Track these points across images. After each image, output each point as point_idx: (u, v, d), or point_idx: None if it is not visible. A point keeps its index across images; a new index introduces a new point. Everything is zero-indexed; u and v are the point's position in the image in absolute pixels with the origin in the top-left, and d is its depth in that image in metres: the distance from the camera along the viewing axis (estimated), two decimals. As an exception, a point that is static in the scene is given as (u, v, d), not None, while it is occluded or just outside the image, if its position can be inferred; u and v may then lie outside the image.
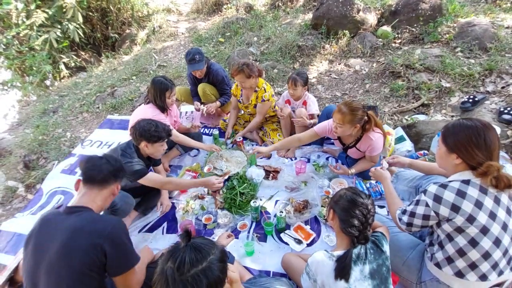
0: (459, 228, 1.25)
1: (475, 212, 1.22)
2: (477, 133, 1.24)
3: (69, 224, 1.22)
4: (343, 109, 2.01)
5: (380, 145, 2.15)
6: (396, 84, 3.34)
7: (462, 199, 1.23)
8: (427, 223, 1.34)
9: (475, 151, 1.23)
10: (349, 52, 4.16)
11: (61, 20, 5.49)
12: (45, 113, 4.33)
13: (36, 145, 3.45)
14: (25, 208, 2.63)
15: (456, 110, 2.94)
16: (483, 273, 1.26)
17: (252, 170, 2.47)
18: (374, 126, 2.12)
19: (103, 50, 6.35)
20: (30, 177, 3.01)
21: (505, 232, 1.24)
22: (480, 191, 1.23)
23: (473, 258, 1.25)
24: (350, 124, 2.04)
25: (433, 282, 1.42)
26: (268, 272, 1.81)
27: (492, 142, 1.24)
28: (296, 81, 2.59)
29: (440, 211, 1.27)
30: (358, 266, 1.23)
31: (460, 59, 3.44)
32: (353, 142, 2.26)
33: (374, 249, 1.28)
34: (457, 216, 1.23)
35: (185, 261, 0.88)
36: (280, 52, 4.31)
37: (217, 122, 3.31)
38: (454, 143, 1.29)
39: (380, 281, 1.25)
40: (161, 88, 2.41)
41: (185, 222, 2.10)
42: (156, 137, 1.97)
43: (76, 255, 1.17)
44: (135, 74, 4.74)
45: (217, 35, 5.26)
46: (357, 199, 1.29)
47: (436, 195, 1.28)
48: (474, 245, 1.24)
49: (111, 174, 1.38)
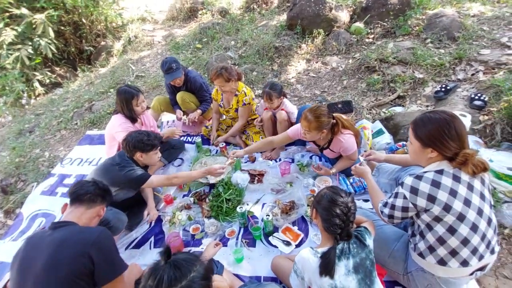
0: (437, 217, 1.28)
1: (450, 200, 1.25)
2: (448, 125, 1.27)
3: (55, 237, 1.25)
4: (309, 116, 2.05)
5: (352, 144, 2.19)
6: (372, 79, 3.42)
7: (437, 189, 1.26)
8: (406, 214, 1.37)
9: (450, 143, 1.26)
10: (325, 50, 4.23)
11: (31, 36, 5.32)
12: (21, 133, 4.18)
13: (13, 168, 3.33)
14: (5, 234, 2.53)
15: (431, 100, 3.03)
16: (464, 259, 1.30)
17: (237, 175, 2.46)
18: (342, 128, 2.16)
19: (78, 64, 6.19)
20: (8, 202, 2.89)
21: (481, 217, 1.28)
22: (453, 180, 1.27)
23: (453, 245, 1.29)
24: (317, 131, 2.08)
25: (419, 272, 1.45)
26: (259, 278, 1.80)
27: (461, 130, 1.28)
28: (271, 95, 2.57)
29: (418, 202, 1.30)
30: (343, 261, 1.24)
31: (430, 50, 3.55)
32: (326, 144, 2.30)
33: (357, 244, 1.31)
34: (434, 206, 1.27)
35: (163, 279, 0.86)
36: (258, 55, 4.33)
37: (199, 130, 3.29)
38: (428, 137, 1.31)
39: (365, 274, 1.27)
40: (126, 97, 2.36)
41: (172, 235, 2.07)
42: (150, 146, 2.02)
43: (64, 266, 1.18)
44: (113, 86, 4.65)
45: (194, 41, 5.24)
46: (337, 198, 1.31)
47: (412, 187, 1.31)
48: (452, 233, 1.27)
49: (98, 195, 1.46)
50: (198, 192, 2.47)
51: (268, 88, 2.59)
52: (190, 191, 2.52)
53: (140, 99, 2.42)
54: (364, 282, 1.26)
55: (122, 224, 2.02)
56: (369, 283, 1.27)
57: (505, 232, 1.89)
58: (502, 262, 1.75)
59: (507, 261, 1.75)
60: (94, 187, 1.46)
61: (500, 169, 2.10)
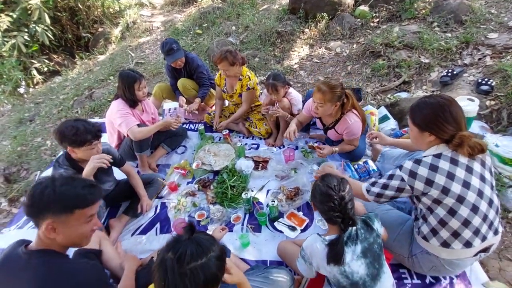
0: (437, 200, 1.31)
1: (448, 183, 1.28)
2: (442, 108, 1.30)
3: (30, 277, 1.02)
4: (323, 87, 2.02)
5: (357, 129, 2.17)
6: (377, 64, 3.36)
7: (435, 173, 1.29)
8: (398, 195, 1.41)
9: (445, 125, 1.29)
10: (328, 35, 4.13)
11: (27, 23, 5.20)
12: (22, 122, 4.14)
13: (15, 156, 3.31)
14: (11, 222, 2.54)
15: (436, 85, 2.99)
16: (467, 240, 1.32)
17: (241, 162, 2.46)
18: (352, 106, 2.13)
19: (76, 52, 6.08)
20: (12, 191, 2.90)
21: (481, 198, 1.30)
22: (450, 163, 1.29)
23: (454, 227, 1.31)
24: (331, 103, 2.05)
25: (423, 254, 1.48)
26: (265, 262, 1.82)
27: (458, 113, 1.30)
28: (276, 86, 2.48)
29: (415, 186, 1.33)
30: (350, 247, 1.25)
31: (437, 34, 3.47)
32: (332, 123, 2.27)
33: (365, 229, 1.31)
34: (431, 190, 1.30)
35: (186, 253, 0.89)
36: (260, 40, 4.24)
37: (202, 117, 3.26)
38: (424, 121, 1.35)
39: (373, 258, 1.28)
40: (128, 80, 2.30)
41: (178, 221, 2.08)
42: (79, 141, 1.72)
43: None
44: (112, 74, 4.58)
45: (194, 26, 5.12)
46: (329, 192, 1.26)
47: (412, 170, 1.33)
48: (453, 214, 1.30)
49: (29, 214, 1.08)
50: (202, 179, 2.46)
51: (271, 80, 2.50)
52: (194, 178, 2.52)
53: (142, 84, 2.38)
54: (372, 265, 1.27)
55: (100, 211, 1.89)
56: (377, 266, 1.28)
57: (509, 216, 1.90)
58: (506, 245, 1.76)
59: (511, 244, 1.77)
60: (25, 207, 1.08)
61: (506, 154, 2.09)
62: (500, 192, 2.01)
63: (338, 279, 1.26)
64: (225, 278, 1.07)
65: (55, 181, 1.08)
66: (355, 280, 1.24)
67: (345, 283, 1.26)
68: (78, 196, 1.08)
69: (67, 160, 1.84)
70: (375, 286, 1.27)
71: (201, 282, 0.88)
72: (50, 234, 1.05)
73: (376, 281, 1.27)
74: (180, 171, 2.54)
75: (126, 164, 2.23)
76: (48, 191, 1.04)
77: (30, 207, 1.06)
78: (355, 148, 2.33)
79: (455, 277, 1.62)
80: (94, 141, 1.79)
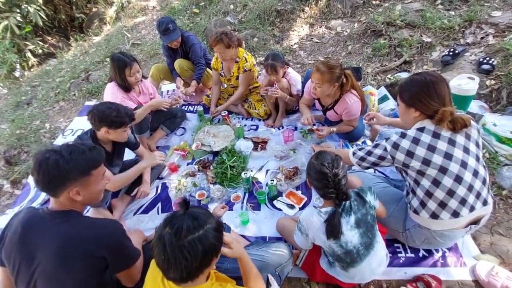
0: (420, 172, 1.38)
1: (428, 155, 1.34)
2: (426, 85, 1.35)
3: (59, 232, 1.13)
4: (321, 68, 2.00)
5: (356, 109, 2.16)
6: (378, 43, 3.30)
7: (416, 145, 1.36)
8: (379, 162, 1.50)
9: (429, 101, 1.35)
10: (329, 13, 4.03)
11: (19, 3, 5.03)
12: (19, 106, 4.11)
13: (14, 139, 3.31)
14: (15, 203, 2.59)
15: (438, 65, 2.95)
16: (454, 210, 1.38)
17: (240, 143, 2.47)
18: (351, 87, 2.12)
19: (70, 33, 5.93)
20: (14, 173, 2.92)
21: (465, 169, 1.34)
22: (432, 137, 1.35)
23: (440, 197, 1.37)
24: (329, 83, 2.03)
25: (416, 228, 1.54)
26: (264, 238, 1.88)
27: (442, 90, 1.35)
28: (275, 66, 2.43)
29: (396, 156, 1.42)
30: (344, 218, 1.30)
31: (440, 12, 3.39)
32: (331, 104, 2.27)
33: (358, 201, 1.36)
34: (412, 161, 1.37)
35: (182, 227, 0.92)
36: (259, 19, 4.13)
37: (200, 99, 3.24)
38: (410, 97, 1.41)
39: (366, 228, 1.34)
40: (119, 65, 2.22)
41: (179, 200, 2.12)
42: (118, 123, 1.81)
43: (75, 264, 1.11)
44: (108, 55, 4.48)
45: (191, 5, 4.96)
46: (323, 169, 1.28)
47: (395, 142, 1.42)
48: (437, 185, 1.36)
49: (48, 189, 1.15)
50: (202, 160, 2.49)
51: (270, 60, 2.45)
52: (194, 159, 2.54)
53: (133, 69, 2.27)
54: (366, 235, 1.33)
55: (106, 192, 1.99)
56: (370, 236, 1.34)
57: (503, 193, 1.94)
58: (498, 221, 1.81)
59: (503, 220, 1.82)
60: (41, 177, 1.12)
61: (503, 133, 2.10)
62: (495, 170, 2.05)
63: (333, 249, 1.32)
64: (225, 252, 1.11)
65: (61, 152, 1.14)
66: (349, 248, 1.30)
67: (339, 252, 1.32)
68: (89, 158, 1.18)
69: (92, 140, 1.89)
70: (368, 254, 1.33)
71: (199, 253, 0.91)
72: (76, 197, 1.16)
73: (369, 250, 1.34)
74: (180, 153, 2.56)
75: (140, 146, 2.26)
76: (62, 162, 1.11)
77: (50, 182, 1.12)
78: (354, 129, 2.34)
79: (447, 250, 1.69)
80: (129, 125, 1.90)
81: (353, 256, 1.33)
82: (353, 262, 1.34)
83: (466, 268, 1.61)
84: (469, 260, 1.64)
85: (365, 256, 1.34)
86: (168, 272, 0.93)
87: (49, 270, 1.11)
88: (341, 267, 1.39)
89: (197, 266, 0.92)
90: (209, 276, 1.06)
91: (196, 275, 0.95)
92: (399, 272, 1.63)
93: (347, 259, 1.34)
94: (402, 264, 1.66)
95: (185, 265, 0.89)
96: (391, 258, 1.64)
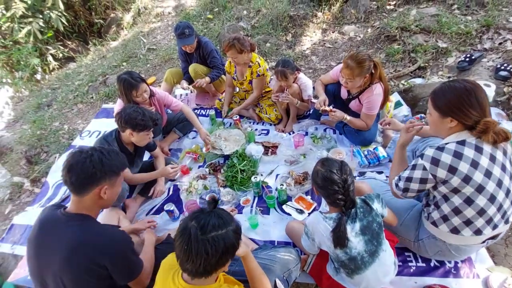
0: (455, 189, 1.27)
1: (471, 172, 1.23)
2: (468, 93, 1.24)
3: (69, 236, 1.19)
4: (350, 63, 2.00)
5: (377, 103, 2.15)
6: (392, 49, 3.26)
7: (459, 160, 1.23)
8: (424, 186, 1.34)
9: (470, 111, 1.23)
10: (342, 18, 4.02)
11: (42, 9, 5.27)
12: (40, 107, 4.29)
13: (35, 140, 3.47)
14: (34, 201, 2.70)
15: (453, 71, 2.89)
16: (478, 228, 1.32)
17: (251, 147, 2.50)
18: (379, 77, 2.12)
19: (89, 38, 6.15)
20: (34, 172, 3.06)
21: (500, 188, 1.27)
22: (475, 151, 1.24)
23: (469, 215, 1.29)
24: (360, 77, 2.05)
25: (430, 239, 1.49)
26: (272, 242, 1.89)
27: (483, 98, 1.24)
28: (285, 73, 2.44)
29: (438, 174, 1.27)
30: (350, 225, 1.30)
31: (457, 17, 3.33)
32: (358, 93, 2.26)
33: (364, 208, 1.34)
34: (453, 177, 1.24)
35: (209, 223, 0.98)
36: (272, 25, 4.17)
37: (212, 103, 3.29)
38: (447, 106, 1.28)
39: (372, 236, 1.32)
40: (125, 87, 2.20)
41: (190, 202, 2.16)
42: (142, 126, 1.90)
43: (79, 268, 1.17)
44: (125, 60, 4.64)
45: (205, 11, 5.07)
46: (332, 176, 1.27)
47: (434, 158, 1.27)
48: (469, 203, 1.27)
49: (84, 185, 1.22)
50: (213, 163, 2.53)
51: (280, 66, 2.45)
52: (205, 162, 2.59)
53: (140, 90, 2.22)
54: (371, 242, 1.32)
55: (124, 193, 2.07)
56: (376, 243, 1.33)
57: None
58: (515, 233, 1.76)
59: (519, 232, 1.76)
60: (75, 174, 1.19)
61: (522, 142, 2.03)
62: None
63: (337, 254, 1.33)
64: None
65: (102, 151, 1.27)
66: (353, 255, 1.30)
67: (344, 258, 1.31)
68: (122, 160, 1.33)
69: (116, 141, 2.01)
70: (373, 262, 1.32)
71: (220, 250, 0.96)
72: (103, 195, 1.25)
73: (374, 257, 1.32)
74: (192, 156, 2.61)
75: (157, 148, 2.35)
76: (104, 160, 1.24)
77: (89, 177, 1.21)
78: (366, 129, 2.31)
79: (460, 261, 1.64)
80: (151, 129, 1.98)
81: (357, 263, 1.32)
82: (358, 269, 1.33)
83: (479, 280, 1.57)
84: (482, 272, 1.60)
85: (370, 264, 1.32)
86: (186, 264, 0.97)
87: (57, 270, 1.18)
88: (346, 273, 1.39)
89: (214, 263, 0.97)
90: (217, 278, 1.09)
91: (210, 272, 0.99)
92: (409, 281, 1.60)
93: (351, 266, 1.33)
94: (413, 273, 1.63)
95: (205, 258, 0.94)
96: (401, 267, 1.62)
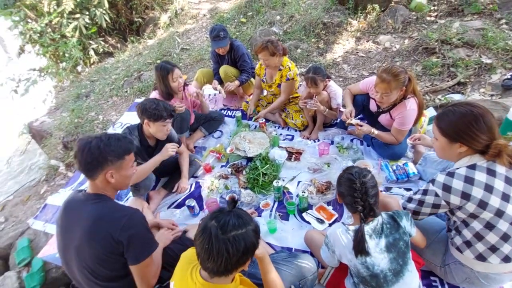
0: (473, 214, 1.24)
1: (486, 197, 1.20)
2: (475, 118, 1.22)
3: (90, 212, 1.29)
4: (386, 77, 1.94)
5: (410, 119, 2.06)
6: (430, 61, 3.12)
7: (471, 185, 1.21)
8: (436, 211, 1.34)
9: (479, 135, 1.21)
10: (378, 28, 3.92)
11: (88, 6, 5.66)
12: (79, 97, 4.59)
13: (72, 127, 3.70)
14: (67, 184, 2.88)
15: (497, 89, 2.71)
16: (506, 255, 1.25)
17: (274, 151, 2.49)
18: (412, 91, 2.04)
19: (128, 35, 6.50)
20: (69, 157, 3.26)
21: None
22: (488, 174, 1.21)
23: (492, 241, 1.24)
24: (397, 90, 1.98)
25: (457, 265, 1.41)
26: (290, 249, 1.86)
27: (492, 122, 1.22)
28: (315, 80, 2.41)
29: (451, 200, 1.25)
30: (374, 240, 1.25)
31: (504, 32, 3.12)
32: (389, 107, 2.18)
33: (391, 224, 1.28)
34: (468, 203, 1.22)
35: (229, 223, 0.98)
36: (304, 31, 4.15)
37: (239, 104, 3.33)
38: (455, 132, 1.26)
39: (397, 254, 1.26)
40: (162, 73, 2.36)
41: (210, 200, 2.19)
42: (157, 116, 1.97)
43: (97, 242, 1.25)
44: (160, 58, 4.83)
45: (239, 15, 5.17)
46: (350, 177, 1.31)
47: (445, 184, 1.26)
48: (490, 229, 1.23)
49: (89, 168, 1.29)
50: (235, 164, 2.55)
51: (311, 73, 2.42)
52: (228, 162, 2.61)
53: (175, 74, 2.39)
54: (396, 261, 1.25)
55: (150, 183, 2.18)
56: (401, 263, 1.26)
57: None
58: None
59: None
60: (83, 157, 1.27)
61: None
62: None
63: (358, 269, 1.27)
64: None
65: (102, 138, 1.32)
66: (375, 272, 1.24)
67: (365, 274, 1.26)
68: (123, 145, 1.35)
69: (138, 131, 2.10)
70: (396, 282, 1.25)
71: (241, 249, 0.96)
72: (110, 179, 1.32)
73: (398, 277, 1.25)
74: (215, 155, 2.65)
75: (181, 145, 2.41)
76: (102, 145, 1.28)
77: (92, 163, 1.28)
78: (396, 144, 2.22)
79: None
80: (167, 119, 2.04)
81: (380, 281, 1.25)
82: (379, 287, 1.26)
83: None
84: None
85: (393, 283, 1.25)
86: (207, 262, 0.97)
87: (77, 245, 1.28)
88: (365, 291, 1.33)
89: (235, 262, 0.97)
90: (233, 278, 1.08)
91: (231, 271, 1.00)
92: (434, 308, 1.50)
93: (372, 283, 1.27)
94: (438, 300, 1.53)
95: (226, 257, 0.94)
96: (426, 292, 1.53)
